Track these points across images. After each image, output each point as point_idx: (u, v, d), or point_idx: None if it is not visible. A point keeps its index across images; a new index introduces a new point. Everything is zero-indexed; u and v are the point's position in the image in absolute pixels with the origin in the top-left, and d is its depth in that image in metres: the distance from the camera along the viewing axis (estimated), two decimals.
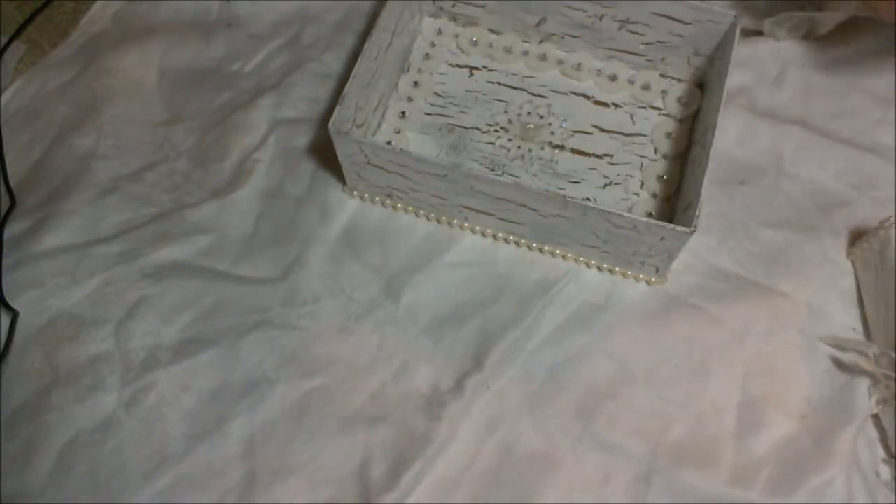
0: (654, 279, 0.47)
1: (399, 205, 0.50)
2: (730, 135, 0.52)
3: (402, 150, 0.44)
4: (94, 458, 0.43)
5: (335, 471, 0.43)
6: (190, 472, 0.42)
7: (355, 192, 0.50)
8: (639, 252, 0.45)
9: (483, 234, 0.49)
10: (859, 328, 0.46)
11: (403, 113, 0.53)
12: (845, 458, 0.42)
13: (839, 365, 0.45)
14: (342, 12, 0.58)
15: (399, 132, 0.52)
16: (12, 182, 0.52)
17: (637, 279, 0.48)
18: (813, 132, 0.52)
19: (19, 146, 0.53)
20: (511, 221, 0.47)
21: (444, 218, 0.49)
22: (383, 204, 0.50)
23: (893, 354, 0.43)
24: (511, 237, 0.49)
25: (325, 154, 0.52)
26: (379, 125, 0.53)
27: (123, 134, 0.53)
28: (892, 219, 0.45)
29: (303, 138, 0.53)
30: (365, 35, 0.57)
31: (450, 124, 0.53)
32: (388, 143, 0.52)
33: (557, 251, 0.48)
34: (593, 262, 0.48)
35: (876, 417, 0.44)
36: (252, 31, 0.58)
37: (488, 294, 0.47)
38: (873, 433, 0.44)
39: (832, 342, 0.46)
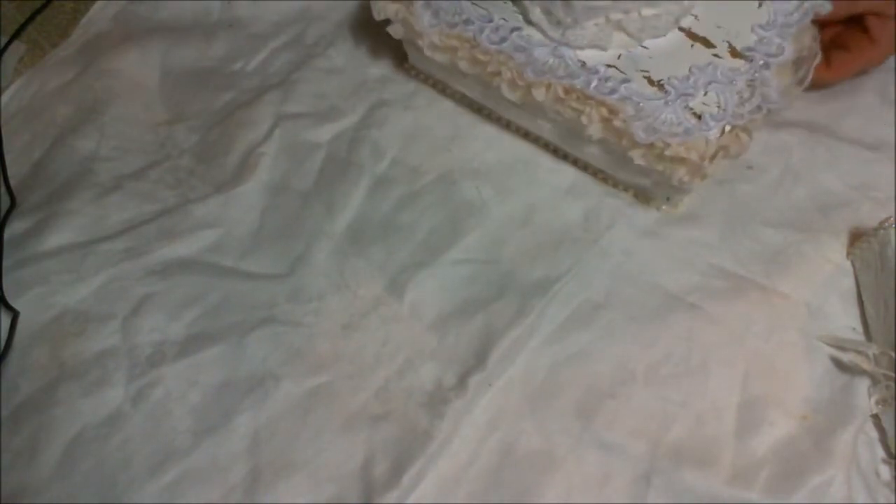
0: (664, 207, 0.47)
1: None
2: None
3: None
4: (99, 453, 0.43)
5: (338, 469, 0.43)
6: (195, 468, 0.42)
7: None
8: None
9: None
10: (859, 328, 0.47)
11: None
12: (845, 458, 0.43)
13: (839, 365, 0.45)
14: (346, 10, 0.58)
15: None
16: (12, 182, 0.52)
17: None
18: (815, 132, 0.52)
19: (19, 146, 0.53)
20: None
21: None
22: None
23: (893, 354, 0.43)
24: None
25: (332, 147, 0.52)
26: None
27: (125, 135, 0.53)
28: (892, 219, 0.45)
29: (310, 132, 0.53)
30: (369, 32, 0.57)
31: None
32: None
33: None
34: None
35: (876, 417, 0.44)
36: (254, 30, 0.58)
37: (492, 291, 0.47)
38: (873, 433, 0.44)
39: (832, 342, 0.46)
